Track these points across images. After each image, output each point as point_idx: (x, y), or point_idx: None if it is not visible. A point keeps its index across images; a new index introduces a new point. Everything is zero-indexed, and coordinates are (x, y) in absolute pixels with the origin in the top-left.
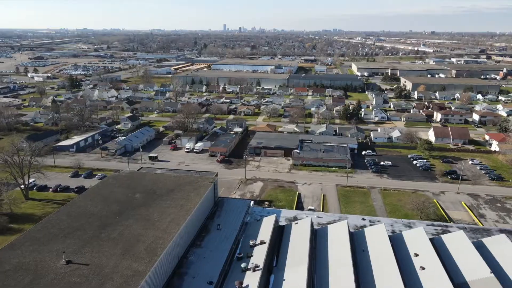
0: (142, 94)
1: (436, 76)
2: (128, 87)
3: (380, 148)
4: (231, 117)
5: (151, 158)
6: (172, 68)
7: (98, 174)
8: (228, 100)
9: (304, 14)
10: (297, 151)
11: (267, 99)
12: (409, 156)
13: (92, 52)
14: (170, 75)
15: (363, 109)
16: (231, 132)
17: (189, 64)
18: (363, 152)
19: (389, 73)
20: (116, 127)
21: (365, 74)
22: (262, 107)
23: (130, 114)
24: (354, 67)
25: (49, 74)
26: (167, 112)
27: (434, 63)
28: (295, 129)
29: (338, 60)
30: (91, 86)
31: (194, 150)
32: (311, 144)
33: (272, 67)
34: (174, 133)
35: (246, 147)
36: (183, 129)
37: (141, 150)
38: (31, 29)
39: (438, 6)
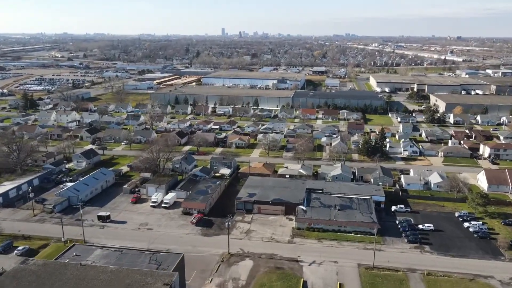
0: (111, 118)
1: (472, 92)
2: (95, 108)
3: (415, 200)
4: (218, 150)
5: (101, 218)
6: (155, 82)
7: (19, 248)
8: (217, 127)
9: (312, 17)
10: (302, 207)
11: (266, 125)
12: (456, 214)
13: (65, 61)
14: (152, 91)
15: (387, 140)
16: (216, 174)
17: (176, 76)
18: (393, 208)
19: (415, 89)
20: (67, 166)
21: (386, 89)
22: (260, 136)
23: (88, 148)
24: (372, 81)
25: (4, 90)
26: (138, 143)
27: (467, 75)
28: (301, 170)
29: (353, 72)
30: (50, 106)
31: (163, 205)
32: (322, 195)
33: (274, 81)
34: (140, 177)
35: (233, 198)
36: (152, 171)
37: (81, 209)
38: (4, 34)
39: (464, 8)
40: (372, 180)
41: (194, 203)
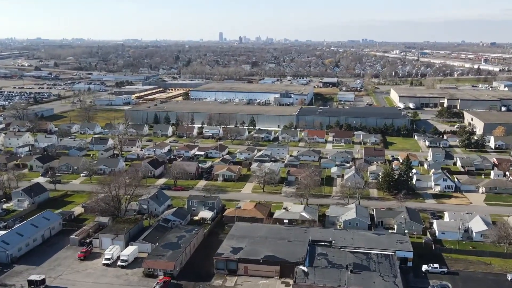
0: (72, 142)
1: None
2: (56, 129)
3: (453, 255)
4: (201, 184)
5: (32, 284)
6: (134, 96)
7: None
8: (202, 153)
9: (324, 20)
10: (303, 268)
11: (262, 151)
12: (509, 277)
13: (31, 71)
14: (129, 107)
15: (414, 171)
16: (195, 218)
17: (160, 89)
18: (424, 267)
19: (446, 105)
20: (4, 207)
21: (411, 105)
22: (254, 165)
23: (34, 182)
24: (393, 95)
25: None
26: (101, 174)
27: (506, 88)
28: (303, 214)
29: (370, 84)
30: (2, 126)
31: (120, 262)
32: (330, 250)
33: (277, 95)
34: (94, 223)
35: (214, 252)
36: (111, 214)
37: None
38: None
39: (498, 10)
40: (395, 226)
41: (159, 261)
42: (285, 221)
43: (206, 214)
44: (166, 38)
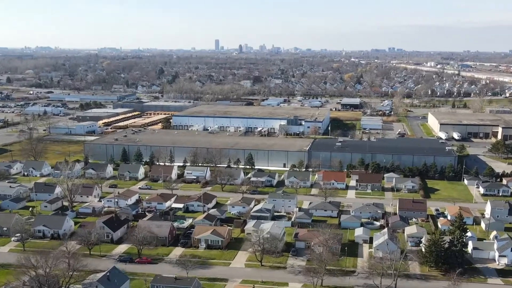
0: (7, 189)
1: None
2: None
3: None
4: (176, 253)
5: None
6: (101, 122)
7: None
8: (181, 205)
9: (342, 25)
10: None
11: (261, 204)
12: None
13: None
14: (93, 137)
15: (469, 234)
16: None
17: (136, 113)
18: None
19: (501, 134)
20: None
21: (455, 135)
22: (249, 225)
23: None
24: (432, 121)
25: None
26: (41, 238)
27: None
28: None
29: (401, 106)
30: None
31: None
32: None
33: (283, 122)
34: None
35: None
36: None
37: None
38: None
39: None
40: None
41: None
42: None
43: None
44: (150, 46)
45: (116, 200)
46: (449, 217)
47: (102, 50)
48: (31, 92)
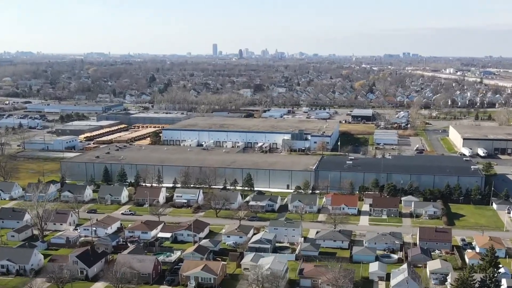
0: None
1: None
2: None
3: None
4: None
5: None
6: (83, 137)
7: None
8: (169, 235)
9: (352, 27)
10: None
11: (261, 233)
12: None
13: None
14: (72, 154)
15: (502, 270)
16: None
17: (122, 126)
18: None
19: None
20: None
21: (480, 152)
22: (247, 258)
23: None
24: (454, 135)
25: None
26: (3, 274)
27: None
28: None
29: (419, 118)
30: None
31: None
32: None
33: (287, 136)
34: None
35: None
36: None
37: None
38: None
39: None
40: None
41: None
42: None
43: None
44: (141, 51)
45: (94, 228)
46: (477, 249)
47: (88, 55)
48: (7, 102)
